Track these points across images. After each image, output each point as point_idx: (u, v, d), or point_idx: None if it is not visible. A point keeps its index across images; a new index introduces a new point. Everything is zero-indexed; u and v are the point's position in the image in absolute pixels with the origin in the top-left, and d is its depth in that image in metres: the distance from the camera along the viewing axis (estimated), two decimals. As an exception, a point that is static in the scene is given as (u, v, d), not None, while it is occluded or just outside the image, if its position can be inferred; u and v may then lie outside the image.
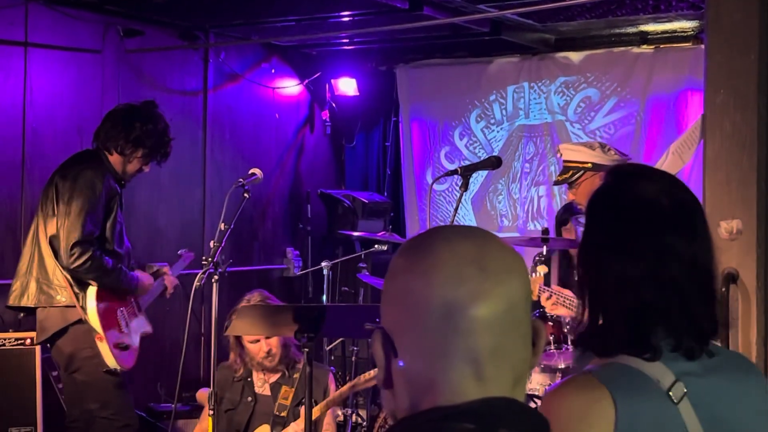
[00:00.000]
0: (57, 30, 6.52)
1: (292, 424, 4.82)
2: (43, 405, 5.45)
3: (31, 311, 5.07)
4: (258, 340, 4.83)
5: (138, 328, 5.20)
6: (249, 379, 5.01)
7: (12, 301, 5.03)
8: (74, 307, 4.89)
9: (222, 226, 4.37)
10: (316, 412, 4.72)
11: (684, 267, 1.91)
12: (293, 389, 4.92)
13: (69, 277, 4.87)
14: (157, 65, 7.26)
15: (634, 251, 1.92)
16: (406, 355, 1.38)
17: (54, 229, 4.89)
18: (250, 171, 4.75)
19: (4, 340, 5.66)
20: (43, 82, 6.48)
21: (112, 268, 4.91)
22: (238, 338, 4.88)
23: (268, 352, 4.87)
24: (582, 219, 4.38)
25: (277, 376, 5.01)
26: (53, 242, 4.89)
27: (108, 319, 4.96)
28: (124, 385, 5.09)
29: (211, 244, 4.36)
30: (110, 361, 4.90)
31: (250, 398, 4.98)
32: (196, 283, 4.31)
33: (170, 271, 5.35)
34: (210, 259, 4.23)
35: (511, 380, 1.38)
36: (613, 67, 7.77)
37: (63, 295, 4.91)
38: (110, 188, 4.99)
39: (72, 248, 4.82)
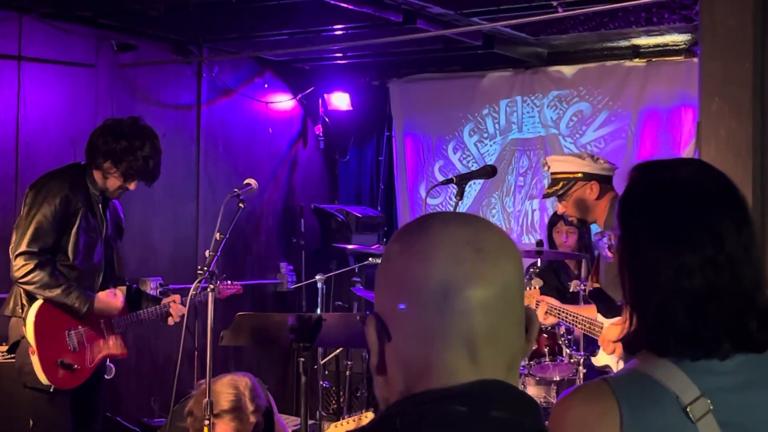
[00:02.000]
0: (51, 44, 6.52)
1: None
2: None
3: None
4: None
5: (101, 349, 5.05)
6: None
7: (3, 310, 5.03)
8: None
9: (217, 235, 4.33)
10: None
11: (736, 250, 1.83)
12: None
13: (21, 288, 4.84)
14: (151, 79, 7.26)
15: (689, 238, 1.83)
16: (401, 338, 1.37)
17: (12, 240, 4.89)
18: (245, 181, 4.72)
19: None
20: (37, 95, 6.47)
21: (57, 284, 4.79)
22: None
23: None
24: (604, 242, 4.35)
25: None
26: (10, 254, 4.87)
27: (49, 334, 4.84)
28: (59, 406, 4.88)
29: (207, 253, 4.33)
30: (41, 376, 4.79)
31: None
32: (192, 292, 4.28)
33: (180, 301, 5.18)
34: (206, 268, 4.20)
35: (504, 364, 1.37)
36: (606, 81, 7.80)
37: (20, 305, 4.88)
38: (73, 202, 4.88)
39: (15, 258, 4.78)
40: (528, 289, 5.06)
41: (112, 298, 5.03)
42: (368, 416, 4.73)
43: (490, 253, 1.35)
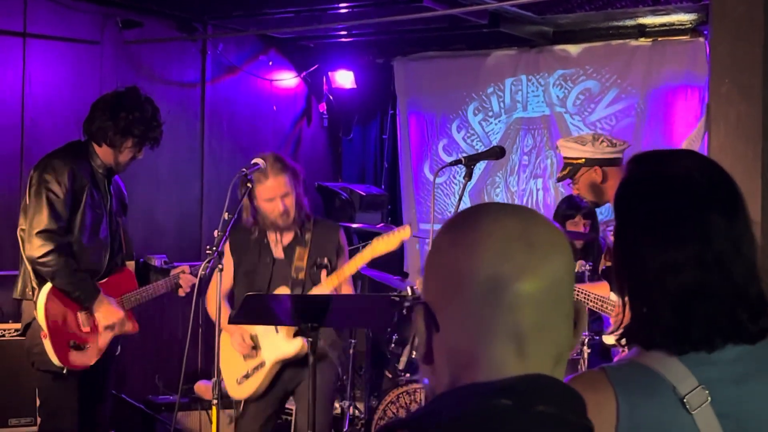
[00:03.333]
0: (55, 21, 6.50)
1: (334, 273, 4.80)
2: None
3: None
4: (273, 199, 4.80)
5: (111, 327, 5.05)
6: (265, 241, 4.95)
7: (13, 292, 5.02)
8: None
9: (225, 215, 4.33)
10: (332, 280, 4.73)
11: (726, 246, 1.82)
12: (307, 249, 4.89)
13: (32, 270, 4.84)
14: (156, 57, 7.24)
15: (675, 234, 1.83)
16: (449, 329, 1.37)
17: (22, 221, 4.87)
18: (253, 160, 4.71)
19: (4, 331, 5.65)
20: (42, 72, 6.46)
21: (70, 273, 4.80)
22: (251, 198, 4.83)
23: (284, 211, 4.83)
24: (609, 231, 4.36)
25: (290, 237, 4.96)
26: (22, 235, 4.85)
27: (59, 316, 4.85)
28: (67, 386, 4.90)
29: (215, 233, 4.33)
30: (54, 359, 4.80)
31: (268, 259, 4.94)
32: (201, 272, 4.29)
33: (190, 270, 5.21)
34: (214, 248, 4.21)
35: (551, 359, 1.37)
36: (612, 60, 7.77)
37: (30, 288, 4.87)
38: (80, 179, 4.88)
39: (34, 237, 4.75)
40: None
41: (115, 310, 5.00)
42: (407, 229, 4.76)
43: (540, 247, 1.35)
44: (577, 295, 4.88)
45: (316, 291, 4.74)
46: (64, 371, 4.84)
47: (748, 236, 1.86)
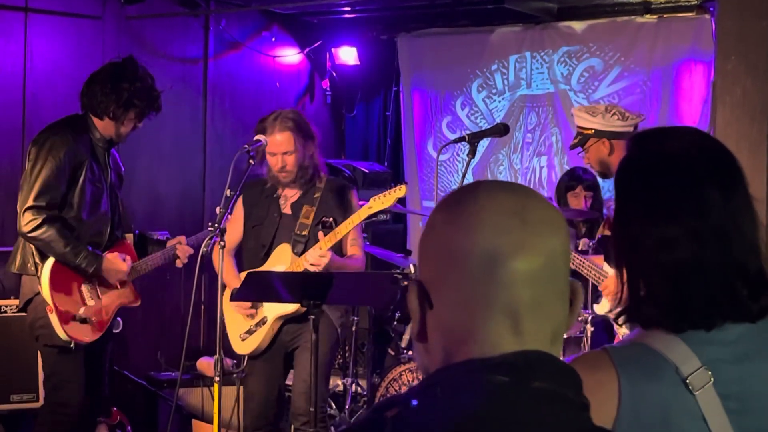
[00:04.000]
0: (57, -5, 6.47)
1: (313, 248, 4.76)
2: (45, 372, 5.43)
3: None
4: (275, 154, 4.82)
5: (115, 300, 5.07)
6: (275, 196, 5.00)
7: (7, 266, 5.01)
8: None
9: (228, 192, 4.31)
10: (336, 233, 4.72)
11: (723, 220, 1.81)
12: (314, 208, 4.91)
13: (33, 246, 4.82)
14: (158, 32, 7.21)
15: (669, 210, 1.83)
16: (443, 306, 1.36)
17: (19, 196, 4.86)
18: (256, 137, 4.69)
19: (6, 307, 5.64)
20: (44, 47, 6.43)
21: (65, 242, 4.76)
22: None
23: (282, 167, 4.85)
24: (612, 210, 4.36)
25: (299, 194, 4.99)
26: (18, 209, 4.85)
27: (64, 291, 4.84)
28: (76, 363, 4.91)
29: (217, 210, 4.31)
30: (60, 333, 4.80)
31: (276, 214, 4.97)
32: (203, 249, 4.26)
33: (186, 241, 5.21)
34: (216, 225, 4.18)
35: (548, 336, 1.36)
36: (617, 37, 7.72)
37: (32, 263, 4.87)
38: (78, 153, 4.85)
39: (23, 213, 4.73)
40: None
41: (120, 262, 5.00)
42: (402, 188, 4.71)
43: (535, 224, 1.34)
44: (580, 265, 4.89)
45: (313, 250, 4.72)
46: (72, 345, 4.84)
47: (749, 212, 1.85)
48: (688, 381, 1.76)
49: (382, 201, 4.68)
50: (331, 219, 4.82)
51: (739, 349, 1.81)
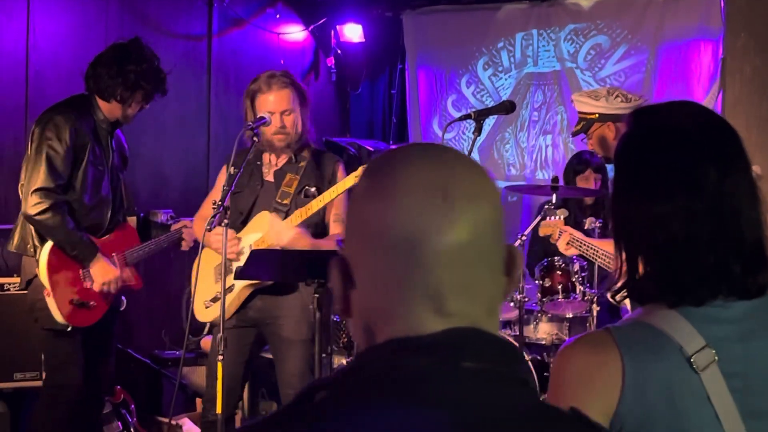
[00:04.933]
0: (60, -28, 6.42)
1: (298, 210, 4.51)
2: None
3: None
4: (273, 114, 4.61)
5: (107, 284, 4.98)
6: (258, 163, 4.74)
7: (7, 245, 4.98)
8: None
9: (231, 169, 4.26)
10: (317, 202, 4.47)
11: (719, 198, 1.79)
12: (298, 177, 4.67)
13: (33, 228, 4.79)
14: (162, 9, 7.16)
15: (663, 186, 1.81)
16: (363, 286, 1.28)
17: (23, 176, 4.81)
18: (259, 114, 4.61)
19: (8, 284, 5.62)
20: (46, 25, 6.39)
21: (67, 231, 4.73)
22: (253, 108, 4.70)
23: (281, 128, 4.63)
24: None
25: (284, 161, 4.76)
26: (21, 190, 4.81)
27: (62, 274, 4.81)
28: (75, 345, 4.88)
29: (221, 187, 4.27)
30: (58, 317, 4.77)
31: (257, 182, 4.74)
32: (206, 227, 4.23)
33: (191, 224, 5.15)
34: (219, 202, 4.14)
35: (481, 311, 1.27)
36: (624, 14, 7.65)
37: (32, 245, 4.84)
38: (82, 136, 4.81)
39: (31, 194, 4.69)
40: (552, 218, 5.02)
41: (112, 269, 4.93)
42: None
43: (459, 198, 1.25)
44: (587, 250, 4.83)
45: (284, 223, 4.49)
46: (69, 328, 4.81)
47: (748, 188, 1.83)
48: (692, 360, 1.75)
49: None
50: (314, 189, 4.54)
51: (743, 327, 1.80)
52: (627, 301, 4.81)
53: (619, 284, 1.89)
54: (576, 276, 5.82)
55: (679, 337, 1.76)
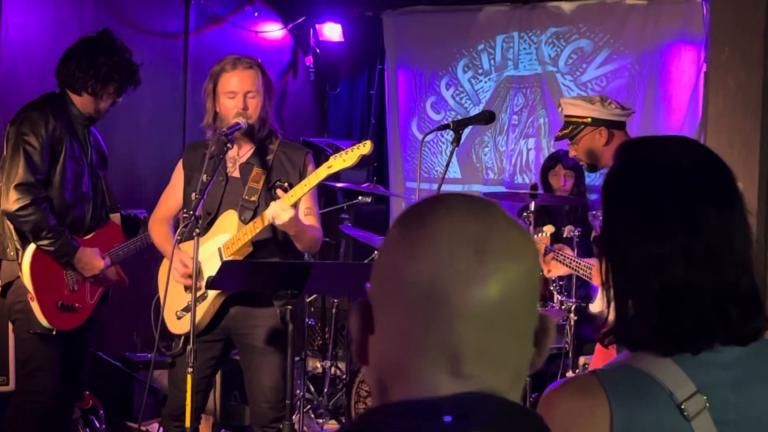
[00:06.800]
0: (34, -33, 6.30)
1: (274, 202, 4.26)
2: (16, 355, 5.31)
3: None
4: (235, 95, 4.40)
5: (96, 278, 4.98)
6: (221, 156, 4.34)
7: None
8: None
9: (204, 177, 4.13)
10: (290, 197, 4.24)
11: (716, 239, 1.72)
12: (266, 172, 4.48)
13: (13, 229, 4.71)
14: (138, 6, 7.05)
15: (658, 226, 1.72)
16: (381, 334, 1.23)
17: (0, 176, 4.73)
18: (234, 120, 4.42)
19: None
20: (20, 20, 6.26)
21: (47, 229, 4.66)
22: (215, 91, 4.48)
23: (244, 110, 4.40)
24: (598, 222, 4.25)
25: (249, 153, 4.54)
26: (1, 189, 4.73)
27: (46, 277, 4.76)
28: (53, 350, 4.82)
29: (192, 196, 4.15)
30: (42, 321, 4.72)
31: (221, 178, 4.49)
32: (176, 237, 4.13)
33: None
34: (191, 212, 4.03)
35: (504, 379, 1.21)
36: (606, 19, 7.61)
37: (12, 248, 4.76)
38: (58, 131, 4.76)
39: (10, 190, 4.64)
40: (538, 235, 4.95)
41: (96, 259, 4.90)
42: (367, 144, 4.34)
43: (492, 253, 1.18)
44: (578, 268, 4.76)
45: (275, 203, 4.25)
46: (54, 332, 4.75)
47: (742, 229, 1.76)
48: (683, 407, 1.68)
49: (344, 159, 4.27)
50: (286, 183, 4.30)
51: (736, 372, 1.73)
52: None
53: (606, 329, 1.81)
54: (554, 285, 5.76)
55: (669, 383, 1.69)
